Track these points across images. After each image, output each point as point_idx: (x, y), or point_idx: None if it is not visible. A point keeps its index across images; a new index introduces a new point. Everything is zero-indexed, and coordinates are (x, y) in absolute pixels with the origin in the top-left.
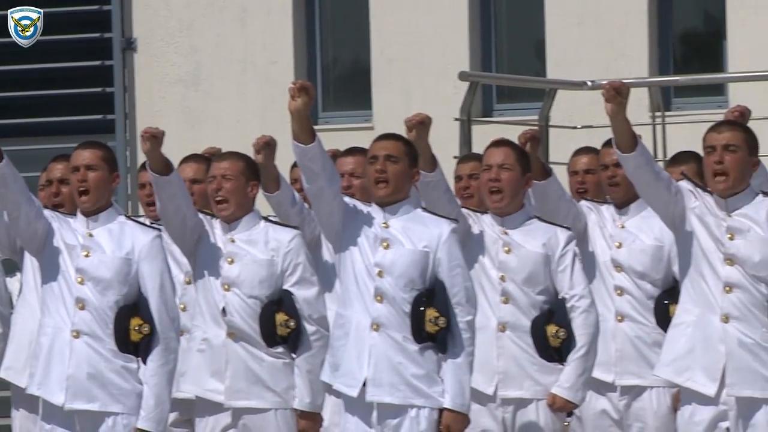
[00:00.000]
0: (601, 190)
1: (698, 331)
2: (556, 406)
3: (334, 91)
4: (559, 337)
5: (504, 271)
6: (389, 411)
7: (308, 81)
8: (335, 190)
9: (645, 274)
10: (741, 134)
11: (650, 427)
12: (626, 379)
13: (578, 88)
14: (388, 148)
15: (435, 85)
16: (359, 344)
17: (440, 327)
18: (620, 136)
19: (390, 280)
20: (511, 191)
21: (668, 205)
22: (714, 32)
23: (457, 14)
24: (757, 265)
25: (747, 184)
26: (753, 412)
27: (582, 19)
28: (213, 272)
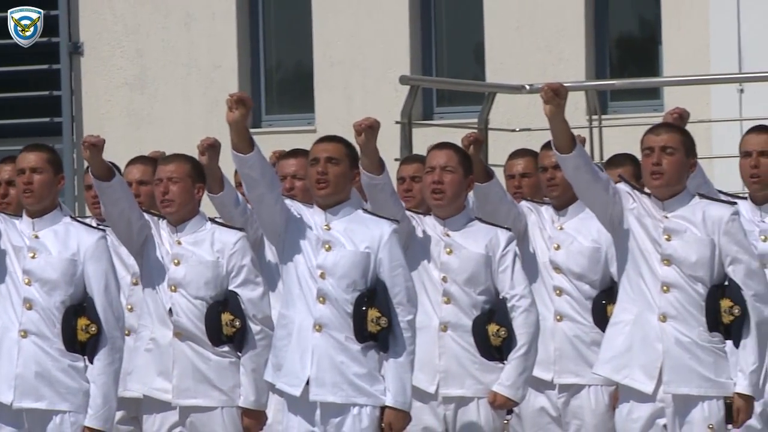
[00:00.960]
0: (537, 193)
1: (636, 330)
2: (497, 404)
3: (277, 95)
4: (499, 336)
5: (446, 272)
6: (332, 410)
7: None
8: (276, 195)
9: (583, 275)
10: (678, 136)
11: (588, 425)
12: (565, 377)
13: (517, 91)
14: (329, 151)
15: (376, 89)
16: (302, 344)
17: (382, 327)
18: (559, 138)
19: (332, 282)
20: (454, 193)
21: (606, 207)
22: (649, 37)
23: (398, 19)
24: (694, 266)
25: (684, 186)
26: (689, 410)
27: (520, 24)
28: (160, 273)
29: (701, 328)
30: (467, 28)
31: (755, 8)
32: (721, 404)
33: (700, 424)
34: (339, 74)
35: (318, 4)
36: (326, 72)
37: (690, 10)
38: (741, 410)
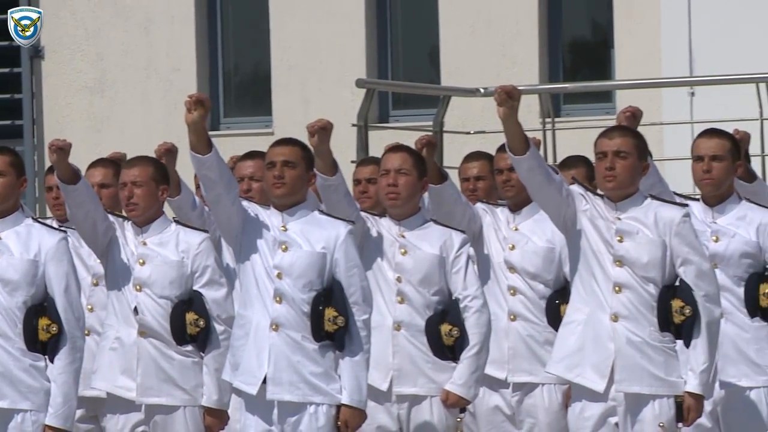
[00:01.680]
0: (492, 195)
1: (588, 330)
2: (450, 403)
3: (235, 98)
4: (452, 336)
5: (400, 272)
6: (289, 408)
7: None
8: (233, 196)
9: (537, 275)
10: (631, 140)
11: (542, 423)
12: (518, 376)
13: (471, 95)
14: (285, 154)
15: (333, 92)
16: (259, 344)
17: (339, 326)
18: (512, 140)
19: (289, 282)
20: (408, 195)
21: (560, 208)
22: (601, 41)
23: (354, 23)
24: (645, 267)
25: (636, 189)
26: (640, 408)
27: (475, 29)
28: (125, 273)
29: (652, 328)
30: (422, 32)
31: (706, 13)
32: (671, 403)
33: (651, 422)
34: (296, 77)
35: (275, 8)
36: (283, 75)
37: (642, 15)
38: (691, 409)
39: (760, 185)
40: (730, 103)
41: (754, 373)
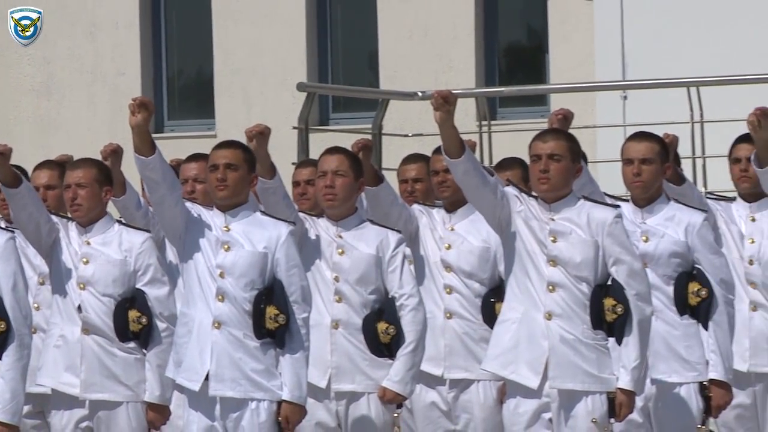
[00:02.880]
0: (430, 196)
1: (523, 328)
2: (387, 399)
3: (179, 101)
4: (389, 334)
5: (338, 272)
6: (231, 404)
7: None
8: (176, 197)
9: (473, 274)
10: (565, 143)
11: (477, 418)
12: (454, 372)
13: (409, 98)
14: (228, 157)
15: (274, 95)
16: (202, 341)
17: (280, 324)
18: (449, 143)
19: (231, 281)
20: (344, 196)
21: (495, 209)
22: (536, 46)
23: (295, 28)
24: (579, 266)
25: (570, 190)
26: (574, 404)
27: (413, 33)
28: (69, 272)
29: (585, 326)
30: (362, 37)
31: (638, 18)
32: (604, 399)
33: (584, 418)
34: (238, 81)
35: (218, 13)
36: (226, 79)
37: (576, 21)
38: (623, 405)
39: (688, 187)
40: (661, 106)
41: (684, 369)
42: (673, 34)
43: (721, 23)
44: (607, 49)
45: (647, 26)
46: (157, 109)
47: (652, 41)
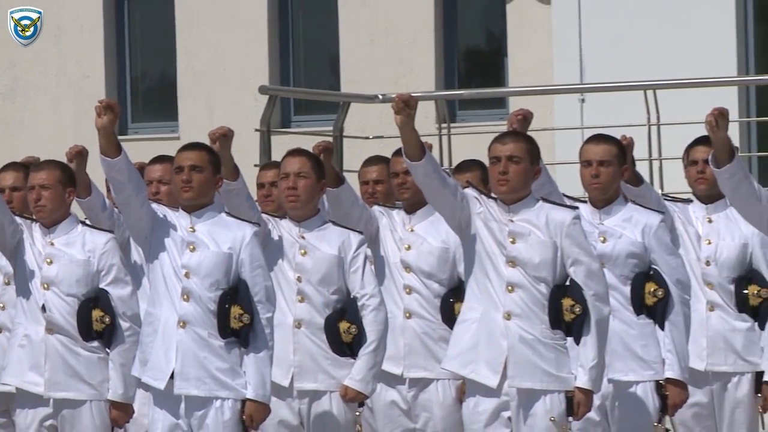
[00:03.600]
0: (390, 198)
1: (482, 327)
2: (348, 397)
3: (143, 104)
4: (350, 333)
5: (300, 272)
6: (195, 403)
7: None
8: (142, 198)
9: (432, 274)
10: (524, 145)
11: (436, 417)
12: (414, 371)
13: (370, 101)
14: (193, 158)
15: (237, 98)
16: (167, 340)
17: (244, 323)
18: (409, 146)
19: (196, 281)
20: (307, 197)
21: (454, 211)
22: (496, 49)
23: (257, 32)
24: (537, 267)
25: (529, 192)
26: (532, 403)
27: (373, 37)
28: (33, 272)
29: (544, 326)
30: (323, 41)
31: (596, 23)
32: (562, 397)
33: (543, 416)
34: (201, 84)
35: (181, 17)
36: (189, 82)
37: (534, 25)
38: (581, 403)
39: (646, 188)
40: (619, 109)
41: (641, 368)
42: (629, 38)
43: (677, 28)
44: (565, 52)
45: (605, 30)
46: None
47: (610, 45)
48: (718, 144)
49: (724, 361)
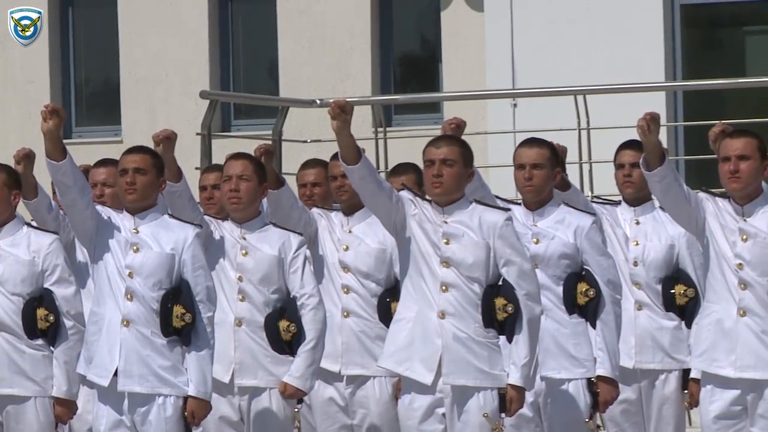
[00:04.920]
0: (328, 200)
1: (417, 326)
2: (287, 394)
3: (87, 108)
4: (290, 332)
5: (241, 272)
6: (138, 399)
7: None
8: (87, 200)
9: (369, 274)
10: (457, 149)
11: (373, 413)
12: (351, 369)
13: (308, 105)
14: (137, 161)
15: (178, 103)
16: (111, 339)
17: (186, 322)
18: (345, 151)
19: (140, 280)
20: (249, 199)
21: (390, 213)
22: (430, 55)
23: (198, 38)
24: (471, 267)
25: (462, 194)
26: (466, 399)
27: (311, 44)
28: None
29: (477, 325)
30: (262, 47)
31: (527, 30)
32: (495, 394)
33: (476, 413)
34: (144, 89)
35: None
36: (132, 87)
37: (468, 31)
38: (513, 400)
39: (574, 192)
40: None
41: (573, 366)
42: (560, 44)
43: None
44: (498, 58)
45: (536, 37)
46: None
47: (541, 51)
48: (649, 148)
49: (651, 358)
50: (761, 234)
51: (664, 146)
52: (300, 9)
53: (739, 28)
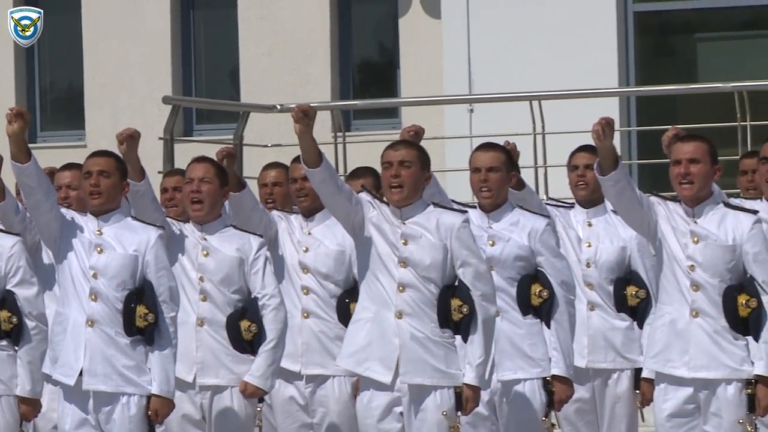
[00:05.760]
0: (288, 201)
1: (375, 326)
2: (248, 393)
3: (51, 113)
4: (251, 332)
5: (203, 273)
6: (103, 398)
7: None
8: (51, 202)
9: (328, 276)
10: (415, 152)
11: (332, 412)
12: (311, 369)
13: (268, 111)
14: (101, 164)
15: (141, 108)
16: (76, 339)
17: (149, 322)
18: (307, 153)
19: (104, 281)
20: (211, 202)
21: (349, 214)
22: (388, 62)
23: (161, 45)
24: (428, 268)
25: (420, 196)
26: (423, 398)
27: (272, 50)
28: None
29: (433, 325)
30: (224, 53)
31: (484, 37)
32: (451, 393)
33: (433, 411)
34: (107, 95)
35: (88, 30)
36: (96, 92)
37: (425, 38)
38: (469, 399)
39: (528, 192)
40: (506, 119)
41: (529, 366)
42: (516, 51)
43: (562, 42)
44: (455, 64)
45: (492, 44)
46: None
47: (497, 58)
48: (603, 152)
49: (604, 358)
50: (712, 236)
51: (617, 151)
52: (261, 16)
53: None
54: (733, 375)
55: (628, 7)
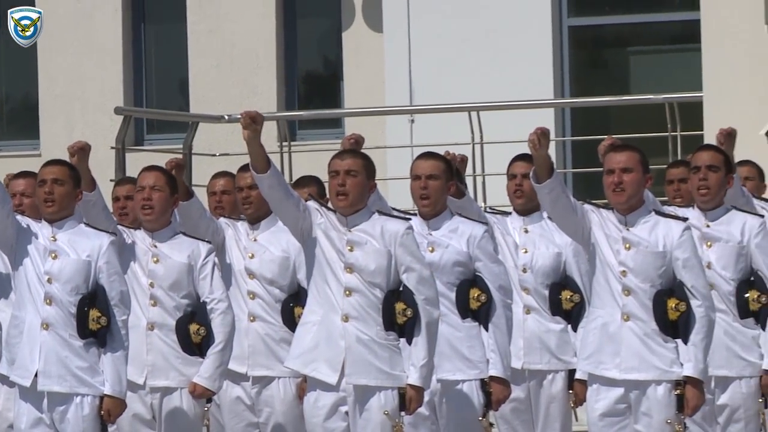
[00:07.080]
0: (236, 209)
1: (322, 329)
2: (197, 394)
3: (7, 123)
4: (200, 335)
5: (153, 278)
6: (57, 398)
7: None
8: (7, 210)
9: (274, 281)
10: (361, 161)
11: (278, 412)
12: (257, 370)
13: (216, 121)
14: (55, 173)
15: (94, 118)
16: (31, 341)
17: (102, 325)
18: (255, 159)
19: (58, 286)
20: (161, 210)
21: (297, 220)
22: (332, 73)
23: (112, 57)
24: (373, 273)
25: (365, 204)
26: (368, 398)
27: (220, 62)
28: None
29: (378, 328)
30: (174, 65)
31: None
32: (395, 393)
33: (377, 411)
34: (61, 105)
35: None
36: (50, 103)
37: (368, 51)
38: (413, 399)
39: (468, 200)
40: (445, 129)
41: (467, 368)
42: (455, 63)
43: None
44: (396, 76)
45: (432, 56)
46: None
47: (437, 70)
48: (539, 161)
49: (539, 359)
50: (643, 243)
51: (552, 160)
52: (209, 30)
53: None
54: (662, 376)
55: (563, 22)
